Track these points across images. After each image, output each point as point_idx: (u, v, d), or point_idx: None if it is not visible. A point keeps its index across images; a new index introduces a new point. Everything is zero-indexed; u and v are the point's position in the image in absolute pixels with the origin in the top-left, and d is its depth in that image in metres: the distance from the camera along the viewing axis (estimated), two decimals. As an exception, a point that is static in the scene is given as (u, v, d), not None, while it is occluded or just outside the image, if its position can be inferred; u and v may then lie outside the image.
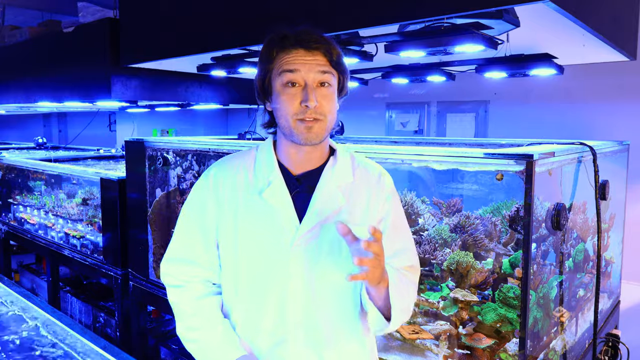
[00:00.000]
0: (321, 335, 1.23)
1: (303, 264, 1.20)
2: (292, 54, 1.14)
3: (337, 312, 1.24)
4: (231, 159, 1.31)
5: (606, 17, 2.18)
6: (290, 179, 1.23)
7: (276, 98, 1.17)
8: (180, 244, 1.32)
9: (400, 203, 1.36)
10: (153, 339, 3.26)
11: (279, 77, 1.16)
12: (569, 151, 1.93)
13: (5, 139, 7.66)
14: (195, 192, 1.31)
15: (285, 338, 1.22)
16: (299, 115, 1.14)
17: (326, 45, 1.15)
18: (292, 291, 1.21)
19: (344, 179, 1.24)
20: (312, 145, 1.19)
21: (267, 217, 1.21)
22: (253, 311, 1.24)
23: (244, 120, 7.03)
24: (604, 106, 4.12)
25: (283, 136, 1.22)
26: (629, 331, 2.61)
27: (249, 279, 1.24)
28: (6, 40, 4.44)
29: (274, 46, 1.17)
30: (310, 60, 1.14)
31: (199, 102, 3.86)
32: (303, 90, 1.13)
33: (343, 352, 1.26)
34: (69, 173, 3.71)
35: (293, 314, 1.21)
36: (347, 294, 1.25)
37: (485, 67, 2.51)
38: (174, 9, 2.82)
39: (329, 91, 1.16)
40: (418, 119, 5.26)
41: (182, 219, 1.33)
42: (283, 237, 1.20)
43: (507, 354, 1.74)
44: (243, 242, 1.23)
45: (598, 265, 2.13)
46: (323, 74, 1.15)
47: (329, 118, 1.16)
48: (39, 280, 4.44)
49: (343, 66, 1.20)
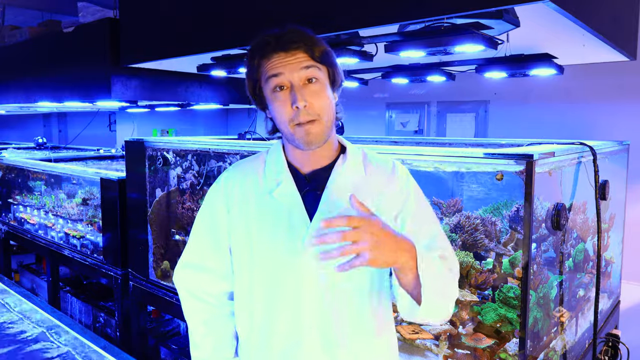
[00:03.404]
0: (336, 335, 1.21)
1: (316, 265, 1.18)
2: (273, 59, 1.14)
3: (353, 311, 1.22)
4: (242, 163, 1.32)
5: (606, 17, 2.18)
6: (300, 178, 1.22)
7: (270, 105, 1.18)
8: (194, 250, 1.35)
9: (421, 191, 1.29)
10: (153, 339, 3.26)
11: (266, 84, 1.16)
12: (569, 151, 1.93)
13: (5, 139, 7.66)
14: (207, 198, 1.33)
15: (300, 339, 1.21)
16: (294, 120, 1.13)
17: (306, 43, 1.14)
18: (307, 291, 1.19)
19: (354, 176, 1.22)
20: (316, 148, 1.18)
21: (278, 217, 1.20)
22: (268, 313, 1.23)
23: (244, 120, 7.03)
24: (604, 106, 4.12)
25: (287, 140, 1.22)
26: (629, 331, 2.61)
27: (263, 281, 1.23)
28: (6, 40, 4.44)
29: (256, 55, 1.17)
30: (291, 61, 1.13)
31: (199, 102, 3.86)
32: (291, 92, 1.13)
33: (359, 352, 1.23)
34: (69, 173, 3.71)
35: (308, 315, 1.20)
36: (363, 292, 1.23)
37: (485, 67, 2.51)
38: (174, 9, 2.82)
39: (317, 86, 1.14)
40: (418, 119, 5.26)
41: (196, 225, 1.35)
42: (294, 237, 1.19)
43: (507, 354, 1.74)
44: (255, 244, 1.23)
45: (598, 265, 2.13)
46: (307, 70, 1.13)
47: (324, 117, 1.14)
48: (39, 280, 4.44)
49: (329, 58, 1.18)
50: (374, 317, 1.25)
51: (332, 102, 1.18)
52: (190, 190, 2.68)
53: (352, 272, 1.17)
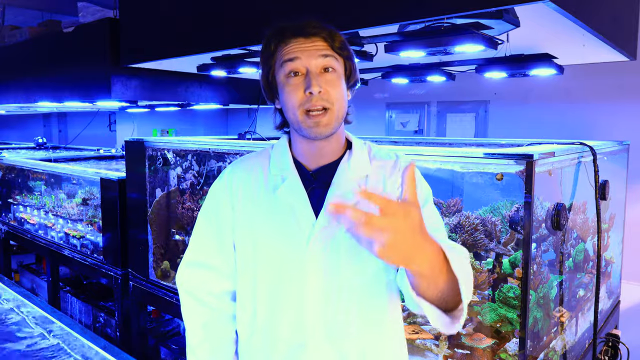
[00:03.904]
0: (342, 330, 1.17)
1: (321, 261, 1.15)
2: (291, 44, 1.11)
3: (358, 308, 1.18)
4: (246, 159, 1.29)
5: (606, 17, 2.18)
6: (305, 175, 1.19)
7: (281, 91, 1.14)
8: (198, 248, 1.31)
9: (426, 185, 1.23)
10: (153, 339, 3.26)
11: (281, 69, 1.12)
12: (569, 151, 1.93)
13: (5, 139, 7.66)
14: (210, 194, 1.29)
15: (304, 340, 1.17)
16: (304, 104, 1.09)
17: (326, 31, 1.12)
18: (311, 289, 1.16)
19: (360, 173, 1.19)
20: (324, 139, 1.14)
21: (284, 215, 1.17)
22: (272, 312, 1.20)
23: (244, 120, 7.04)
24: (604, 106, 4.12)
25: (294, 132, 1.19)
26: (629, 331, 2.61)
27: (266, 279, 1.20)
28: (6, 40, 4.44)
29: (273, 40, 1.14)
30: (310, 47, 1.10)
31: (199, 102, 3.86)
32: (306, 77, 1.09)
33: (366, 346, 1.19)
34: (69, 173, 3.71)
35: (312, 315, 1.16)
36: (369, 291, 1.18)
37: (485, 67, 2.51)
38: (174, 9, 2.82)
39: (334, 76, 1.11)
40: (418, 119, 5.26)
41: (199, 223, 1.31)
42: (300, 234, 1.16)
43: (507, 354, 1.74)
44: (260, 241, 1.20)
45: (598, 265, 2.13)
46: (325, 58, 1.10)
47: (336, 106, 1.11)
48: (39, 280, 4.44)
49: (347, 51, 1.15)
50: (381, 311, 1.20)
51: (346, 95, 1.16)
52: (190, 190, 2.68)
53: (358, 271, 1.16)
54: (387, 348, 1.22)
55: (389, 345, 1.23)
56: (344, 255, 1.16)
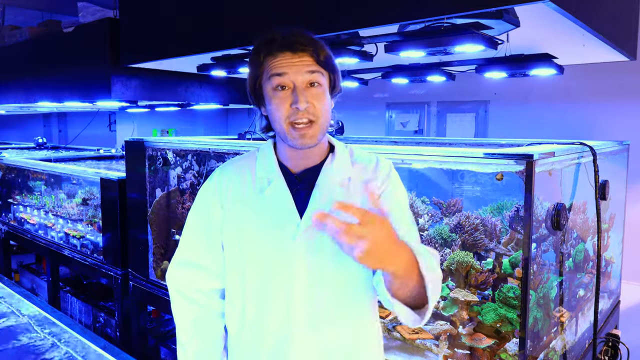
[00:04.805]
0: (324, 325, 1.24)
1: (306, 260, 1.21)
2: (279, 58, 1.15)
3: (340, 303, 1.25)
4: (234, 161, 1.34)
5: (606, 17, 2.18)
6: (290, 177, 1.25)
7: (268, 103, 1.19)
8: (186, 247, 1.36)
9: (402, 189, 1.28)
10: (153, 339, 3.26)
11: (268, 82, 1.17)
12: (569, 151, 1.93)
13: (5, 139, 7.66)
14: (200, 195, 1.34)
15: (290, 331, 1.24)
16: (290, 118, 1.14)
17: (313, 47, 1.16)
18: (297, 287, 1.22)
19: (342, 175, 1.25)
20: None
21: (269, 215, 1.23)
22: (260, 307, 1.26)
23: (244, 120, 7.03)
24: (604, 106, 4.12)
25: (280, 139, 1.24)
26: (629, 331, 2.61)
27: (254, 277, 1.26)
28: (6, 40, 4.44)
29: (261, 51, 1.18)
30: (297, 62, 1.14)
31: (199, 102, 3.86)
32: (292, 92, 1.14)
33: (348, 344, 1.27)
34: (69, 173, 3.71)
35: (298, 308, 1.22)
36: (350, 286, 1.25)
37: (485, 67, 2.51)
38: (174, 9, 2.82)
39: (319, 91, 1.16)
40: (418, 119, 5.26)
41: (189, 223, 1.36)
42: (285, 234, 1.21)
43: (507, 354, 1.74)
44: (247, 241, 1.25)
45: (598, 265, 2.13)
46: (311, 74, 1.15)
47: (321, 119, 1.16)
48: (39, 280, 4.44)
49: (332, 65, 1.20)
50: (360, 303, 1.28)
51: (330, 106, 1.21)
52: (190, 190, 2.68)
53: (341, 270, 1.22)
54: (364, 337, 1.30)
55: (366, 334, 1.30)
56: (327, 253, 1.22)
